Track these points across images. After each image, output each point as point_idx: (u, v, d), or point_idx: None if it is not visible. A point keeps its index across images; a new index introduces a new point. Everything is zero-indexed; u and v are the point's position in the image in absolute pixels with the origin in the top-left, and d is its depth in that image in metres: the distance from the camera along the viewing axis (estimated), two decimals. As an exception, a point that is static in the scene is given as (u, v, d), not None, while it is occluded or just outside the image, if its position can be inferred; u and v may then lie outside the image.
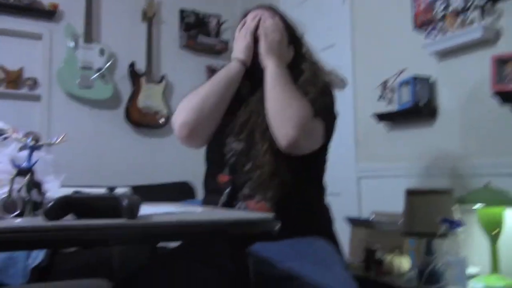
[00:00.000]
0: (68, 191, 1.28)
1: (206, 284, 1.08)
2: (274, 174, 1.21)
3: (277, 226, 0.87)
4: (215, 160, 1.34)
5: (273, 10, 1.43)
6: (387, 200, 2.43)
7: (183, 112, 1.28)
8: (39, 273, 1.95)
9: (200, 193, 2.74)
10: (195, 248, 1.09)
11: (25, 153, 0.95)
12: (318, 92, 1.29)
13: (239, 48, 1.36)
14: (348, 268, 1.20)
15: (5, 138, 1.07)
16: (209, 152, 1.38)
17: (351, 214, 2.54)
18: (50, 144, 0.88)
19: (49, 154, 1.17)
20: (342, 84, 1.48)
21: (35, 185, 0.83)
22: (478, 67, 2.05)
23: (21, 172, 0.82)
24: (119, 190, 1.46)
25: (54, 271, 2.01)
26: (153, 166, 3.61)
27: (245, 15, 1.44)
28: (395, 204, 2.09)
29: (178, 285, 1.06)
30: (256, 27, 1.36)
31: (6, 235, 0.66)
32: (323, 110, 1.27)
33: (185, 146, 1.33)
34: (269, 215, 0.88)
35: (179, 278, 1.07)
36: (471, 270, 1.82)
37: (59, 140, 0.89)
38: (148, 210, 0.92)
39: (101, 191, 1.29)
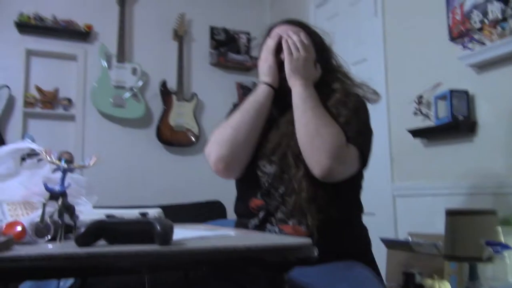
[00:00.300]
0: (100, 212, 1.27)
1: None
2: (311, 199, 1.17)
3: (316, 251, 0.83)
4: (247, 184, 1.30)
5: (298, 24, 1.38)
6: (424, 220, 2.35)
7: (217, 146, 1.26)
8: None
9: (231, 211, 2.72)
10: (231, 273, 1.05)
11: (58, 175, 0.94)
12: (350, 114, 1.24)
13: (263, 70, 1.32)
14: None
15: (39, 160, 1.07)
16: (239, 179, 1.35)
17: (387, 234, 2.45)
18: (82, 167, 0.87)
19: (82, 175, 1.17)
20: (375, 97, 1.41)
21: (67, 208, 0.82)
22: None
23: (54, 195, 0.81)
24: (151, 212, 1.44)
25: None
26: (185, 184, 3.61)
27: (269, 31, 1.40)
28: (432, 225, 2.01)
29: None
30: (279, 46, 1.31)
31: (37, 263, 0.64)
32: (357, 134, 1.21)
33: (223, 178, 1.30)
34: (307, 240, 0.83)
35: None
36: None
37: (91, 162, 0.87)
38: (181, 233, 0.89)
39: (134, 214, 1.28)
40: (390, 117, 2.72)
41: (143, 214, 0.83)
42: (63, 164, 0.84)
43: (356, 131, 1.21)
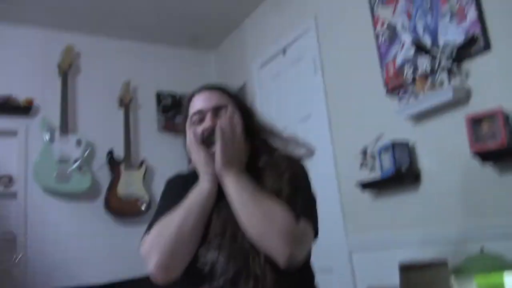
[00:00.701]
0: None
1: None
2: (276, 285, 1.10)
3: None
4: (189, 275, 1.18)
5: (218, 90, 1.33)
6: (382, 272, 2.30)
7: (157, 252, 1.13)
8: None
9: None
10: None
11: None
12: (291, 185, 1.19)
13: (200, 162, 1.24)
14: None
15: None
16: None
17: (346, 289, 2.40)
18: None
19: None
20: (310, 153, 1.37)
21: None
22: (454, 128, 2.03)
23: None
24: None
25: None
26: (137, 256, 3.43)
27: (190, 99, 1.34)
28: (391, 276, 1.97)
29: None
30: (202, 132, 1.25)
31: None
32: (304, 207, 1.16)
33: (160, 283, 1.18)
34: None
35: None
36: None
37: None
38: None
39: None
40: (337, 171, 2.73)
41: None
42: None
43: (302, 204, 1.17)
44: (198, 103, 1.30)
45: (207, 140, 1.25)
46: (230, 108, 1.29)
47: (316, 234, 1.20)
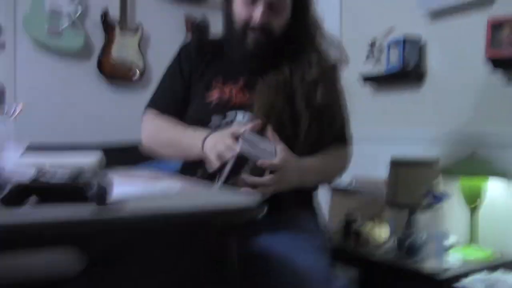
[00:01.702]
0: (28, 161, 1.16)
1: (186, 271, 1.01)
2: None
3: (262, 213, 0.79)
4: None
5: None
6: (370, 165, 2.38)
7: (148, 139, 1.40)
8: None
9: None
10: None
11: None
12: (335, 105, 1.29)
13: (217, 150, 1.10)
14: (326, 245, 1.21)
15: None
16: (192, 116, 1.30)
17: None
18: (7, 117, 0.76)
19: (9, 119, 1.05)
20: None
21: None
22: (472, 30, 1.96)
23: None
24: (88, 159, 1.33)
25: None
26: (128, 121, 3.42)
27: None
28: (378, 170, 2.05)
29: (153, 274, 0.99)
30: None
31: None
32: (346, 131, 1.38)
33: None
34: (255, 200, 0.79)
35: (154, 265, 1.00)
36: (450, 240, 1.81)
37: (17, 111, 0.77)
38: (121, 188, 0.82)
39: (68, 163, 1.18)
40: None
41: (77, 175, 0.74)
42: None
43: (343, 126, 1.37)
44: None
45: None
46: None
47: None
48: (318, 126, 1.20)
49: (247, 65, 1.26)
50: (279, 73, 1.22)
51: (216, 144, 1.09)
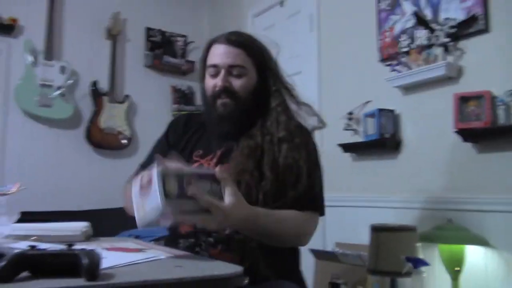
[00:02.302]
0: (23, 227, 1.19)
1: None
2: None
3: (246, 281, 0.84)
4: None
5: (238, 45, 1.28)
6: (351, 230, 2.44)
7: (124, 202, 1.36)
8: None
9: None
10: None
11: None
12: (306, 165, 1.23)
13: None
14: None
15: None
16: None
17: (315, 243, 2.52)
18: (5, 194, 0.82)
19: (4, 185, 1.10)
20: (321, 125, 1.41)
21: (-15, 238, 0.76)
22: (441, 103, 2.10)
23: (-30, 227, 0.75)
24: (76, 226, 1.37)
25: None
26: (115, 188, 3.48)
27: (209, 46, 1.33)
28: (359, 235, 2.10)
29: None
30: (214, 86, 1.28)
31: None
32: (315, 194, 1.28)
33: None
34: (239, 268, 0.84)
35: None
36: (433, 306, 1.84)
37: (14, 189, 0.82)
38: (109, 259, 0.86)
39: (59, 234, 1.22)
40: (322, 131, 2.78)
41: (70, 245, 0.78)
42: (-18, 191, 0.78)
43: (314, 193, 1.27)
44: (215, 56, 1.29)
45: None
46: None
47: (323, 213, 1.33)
48: (280, 187, 1.19)
49: (221, 130, 1.31)
50: (251, 138, 1.26)
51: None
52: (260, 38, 1.38)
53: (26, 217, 1.19)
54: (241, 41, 1.31)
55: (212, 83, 1.30)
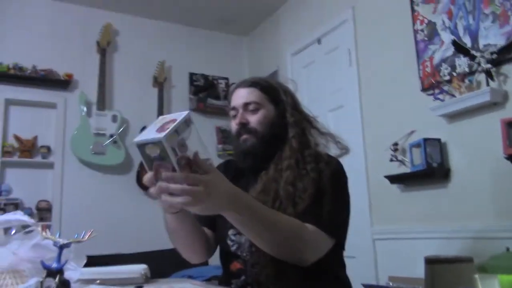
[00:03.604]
0: (89, 272, 1.27)
1: None
2: (279, 274, 1.15)
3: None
4: (222, 249, 1.33)
5: (251, 84, 1.35)
6: (404, 263, 2.39)
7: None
8: None
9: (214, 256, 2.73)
10: None
11: (48, 242, 0.96)
12: (326, 189, 1.20)
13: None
14: None
15: (29, 232, 1.08)
16: (217, 240, 1.36)
17: (367, 277, 2.49)
18: (78, 242, 0.89)
19: (62, 227, 1.18)
20: (345, 151, 1.38)
21: (63, 283, 0.84)
22: (488, 129, 2.08)
23: (51, 273, 0.82)
24: (137, 269, 1.45)
25: None
26: (164, 230, 3.58)
27: (232, 93, 1.40)
28: (412, 268, 2.06)
29: None
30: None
31: None
32: (332, 216, 1.17)
33: None
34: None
35: None
36: None
37: (87, 236, 0.90)
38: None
39: (125, 276, 1.29)
40: (367, 163, 2.80)
41: (139, 287, 0.84)
42: (60, 240, 0.86)
43: (328, 212, 1.17)
44: (234, 99, 1.37)
45: None
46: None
47: (338, 239, 1.21)
48: (290, 208, 1.17)
49: (246, 165, 1.34)
50: (266, 172, 1.28)
51: None
52: (277, 78, 1.41)
53: (89, 260, 1.27)
54: (254, 81, 1.38)
55: (234, 124, 1.36)
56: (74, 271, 1.17)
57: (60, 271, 0.83)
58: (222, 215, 1.01)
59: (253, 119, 1.33)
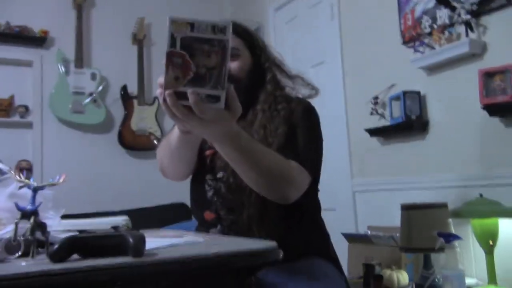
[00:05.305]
0: (69, 224, 1.28)
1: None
2: (262, 214, 1.18)
3: (281, 255, 0.88)
4: (197, 198, 1.33)
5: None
6: (383, 213, 2.46)
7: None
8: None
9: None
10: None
11: (25, 191, 0.96)
12: (297, 128, 1.22)
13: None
14: (349, 286, 1.21)
15: (3, 179, 1.07)
16: (191, 188, 1.37)
17: (347, 228, 2.56)
18: (53, 185, 0.89)
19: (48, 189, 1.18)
20: (313, 92, 1.38)
21: (39, 226, 0.84)
22: (467, 80, 2.10)
23: (25, 214, 0.82)
24: (117, 220, 1.46)
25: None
26: (149, 188, 3.60)
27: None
28: (391, 218, 2.12)
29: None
30: None
31: (14, 282, 0.66)
32: (302, 147, 1.19)
33: None
34: (273, 243, 0.88)
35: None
36: (469, 282, 1.84)
37: (61, 180, 0.89)
38: (152, 243, 0.92)
39: (104, 225, 1.29)
40: (348, 117, 2.82)
41: (115, 228, 0.85)
42: (34, 183, 0.85)
43: (299, 146, 1.20)
44: None
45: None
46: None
47: (314, 177, 1.22)
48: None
49: None
50: (244, 118, 1.25)
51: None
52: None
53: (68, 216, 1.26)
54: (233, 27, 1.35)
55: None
56: (52, 220, 1.17)
57: (34, 213, 0.83)
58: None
59: (233, 66, 1.30)
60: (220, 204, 1.26)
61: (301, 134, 1.23)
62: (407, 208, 1.84)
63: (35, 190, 0.85)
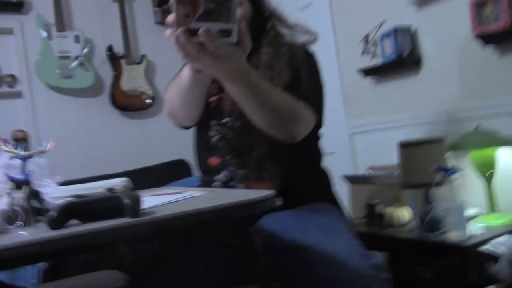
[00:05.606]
0: (67, 190, 1.28)
1: (217, 264, 1.10)
2: (271, 154, 1.20)
3: (279, 202, 0.88)
4: (202, 144, 1.33)
5: None
6: (381, 153, 2.46)
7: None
8: (52, 272, 1.97)
9: (196, 169, 2.76)
10: (208, 232, 1.10)
11: (17, 161, 0.95)
12: (300, 73, 1.22)
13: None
14: (352, 229, 1.22)
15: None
16: (196, 136, 1.37)
17: (347, 171, 2.57)
18: (41, 152, 0.88)
19: (42, 157, 1.17)
20: (312, 38, 1.36)
21: (34, 194, 0.83)
22: (457, 11, 2.04)
23: (18, 184, 0.82)
24: (117, 182, 1.46)
25: (66, 267, 2.03)
26: (147, 147, 3.60)
27: None
28: (389, 156, 2.13)
29: (192, 268, 1.08)
30: None
31: (14, 251, 0.66)
32: (312, 94, 1.20)
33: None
34: (270, 192, 0.88)
35: (191, 261, 1.09)
36: (470, 212, 1.87)
37: (50, 146, 0.88)
38: (149, 202, 0.92)
39: (101, 188, 1.29)
40: (339, 59, 2.77)
41: (110, 190, 0.85)
42: (22, 152, 0.84)
43: (311, 91, 1.21)
44: None
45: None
46: None
47: (318, 118, 1.24)
48: None
49: None
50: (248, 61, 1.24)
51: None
52: None
53: (65, 182, 1.26)
54: None
55: None
56: (49, 187, 1.17)
57: (26, 182, 0.82)
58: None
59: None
60: (226, 149, 1.27)
61: (306, 76, 1.23)
62: (404, 146, 1.85)
63: (24, 159, 0.84)
